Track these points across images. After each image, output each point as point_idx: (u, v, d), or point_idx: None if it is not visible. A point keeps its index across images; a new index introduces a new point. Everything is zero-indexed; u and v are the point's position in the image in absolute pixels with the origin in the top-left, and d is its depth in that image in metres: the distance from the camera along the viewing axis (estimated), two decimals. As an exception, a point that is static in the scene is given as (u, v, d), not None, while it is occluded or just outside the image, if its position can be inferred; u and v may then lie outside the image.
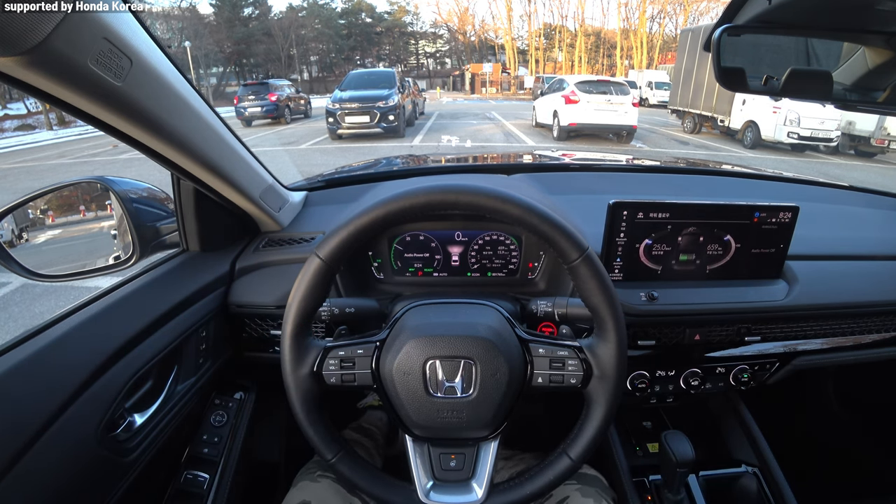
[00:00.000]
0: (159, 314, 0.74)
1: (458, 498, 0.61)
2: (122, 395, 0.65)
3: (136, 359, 0.68)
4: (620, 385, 0.61)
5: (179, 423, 0.76)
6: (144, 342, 0.71)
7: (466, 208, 0.58)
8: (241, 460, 0.84)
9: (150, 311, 0.74)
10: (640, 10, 44.75)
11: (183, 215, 0.87)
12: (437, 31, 53.24)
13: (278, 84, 14.76)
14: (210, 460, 0.80)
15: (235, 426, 0.86)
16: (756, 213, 0.86)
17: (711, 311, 0.90)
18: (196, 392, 0.79)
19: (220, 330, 0.87)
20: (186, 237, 0.89)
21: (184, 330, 0.78)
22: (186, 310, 0.80)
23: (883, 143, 9.20)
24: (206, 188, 0.82)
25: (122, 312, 0.71)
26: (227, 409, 0.87)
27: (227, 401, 0.88)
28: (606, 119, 9.71)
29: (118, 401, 0.64)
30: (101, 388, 0.62)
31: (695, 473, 1.02)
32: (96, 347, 0.64)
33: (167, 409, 0.74)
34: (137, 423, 0.68)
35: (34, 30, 0.42)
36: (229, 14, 40.16)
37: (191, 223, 0.87)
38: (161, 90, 0.61)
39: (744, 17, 0.75)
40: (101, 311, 0.69)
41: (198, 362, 0.80)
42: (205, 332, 0.83)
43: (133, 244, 0.81)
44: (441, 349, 0.60)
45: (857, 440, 1.40)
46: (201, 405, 0.85)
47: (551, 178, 1.27)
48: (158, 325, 0.74)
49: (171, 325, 0.76)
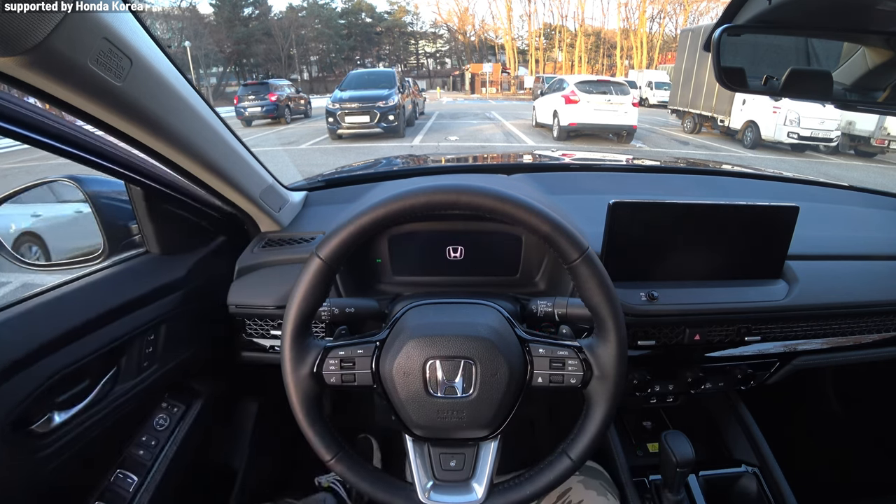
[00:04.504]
0: (100, 313, 0.73)
1: (459, 498, 0.61)
2: (44, 391, 0.64)
3: (66, 355, 0.67)
4: (620, 385, 0.61)
5: (115, 423, 0.75)
6: (81, 339, 0.70)
7: (466, 208, 0.58)
8: (177, 465, 0.83)
9: (92, 310, 0.73)
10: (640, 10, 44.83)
11: (139, 218, 0.86)
12: (437, 31, 53.31)
13: (278, 84, 14.74)
14: (142, 463, 0.80)
15: (175, 431, 0.85)
16: (756, 213, 0.86)
17: (711, 311, 0.90)
18: (138, 394, 0.78)
19: (174, 334, 0.85)
20: (146, 239, 0.88)
21: (128, 331, 0.77)
22: (134, 311, 0.78)
23: (883, 143, 9.19)
24: (206, 188, 0.82)
25: (62, 308, 0.70)
26: (171, 413, 0.86)
27: (174, 405, 0.87)
28: (606, 119, 9.70)
29: (36, 396, 0.63)
30: (19, 382, 0.61)
31: (695, 473, 1.02)
32: (20, 341, 0.63)
33: (98, 409, 0.72)
34: (57, 420, 0.67)
35: (34, 30, 0.42)
36: (229, 14, 40.16)
37: (147, 226, 0.86)
38: (161, 90, 0.61)
39: (744, 17, 0.75)
40: (39, 305, 0.68)
41: (142, 365, 0.79)
42: (153, 336, 0.82)
43: (102, 242, 0.82)
44: (441, 349, 0.60)
45: (857, 440, 1.40)
46: (148, 407, 0.85)
47: (551, 178, 1.27)
48: (100, 324, 0.73)
49: (114, 326, 0.75)
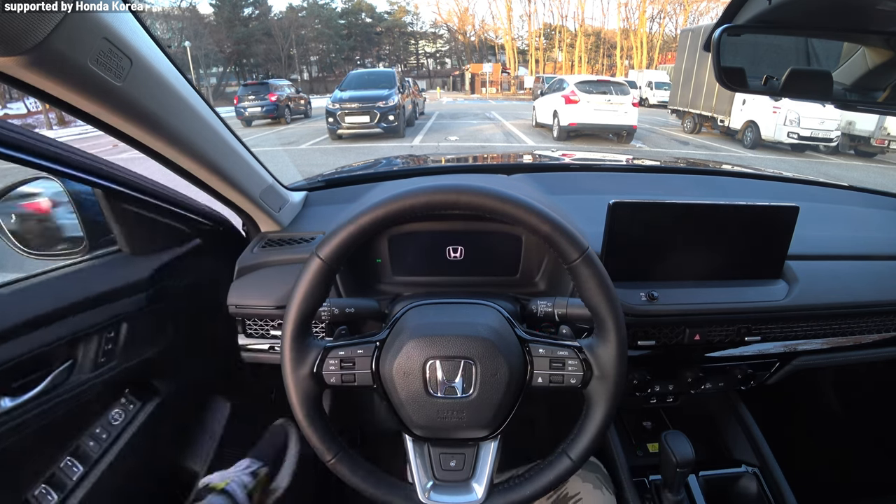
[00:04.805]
0: (61, 306, 0.74)
1: (459, 498, 0.61)
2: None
3: (23, 344, 0.69)
4: (620, 385, 0.61)
5: (69, 413, 0.77)
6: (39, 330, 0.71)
7: (466, 208, 0.58)
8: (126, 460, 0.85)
9: (54, 302, 0.74)
10: (640, 10, 44.83)
11: (106, 218, 0.87)
12: (437, 31, 53.30)
13: (278, 84, 14.75)
14: (90, 454, 0.82)
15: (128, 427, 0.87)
16: (756, 213, 0.86)
17: (711, 311, 0.90)
18: (95, 388, 0.80)
19: (136, 332, 0.87)
20: (117, 238, 0.90)
21: (87, 326, 0.78)
22: (95, 307, 0.80)
23: (883, 143, 9.20)
24: (206, 188, 0.82)
25: (26, 298, 0.72)
26: (127, 409, 0.88)
27: (132, 402, 0.89)
28: (606, 119, 9.70)
29: None
30: None
31: (695, 473, 1.02)
32: None
33: (51, 397, 0.74)
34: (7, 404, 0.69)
35: (34, 30, 0.42)
36: (229, 14, 40.14)
37: (114, 226, 0.87)
38: (161, 90, 0.61)
39: (744, 17, 0.75)
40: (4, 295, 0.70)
41: (99, 360, 0.81)
42: (113, 333, 0.83)
43: (83, 237, 0.85)
44: (441, 349, 0.60)
45: (857, 440, 1.40)
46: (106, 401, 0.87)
47: (551, 178, 1.27)
48: (59, 317, 0.74)
49: (74, 319, 0.76)
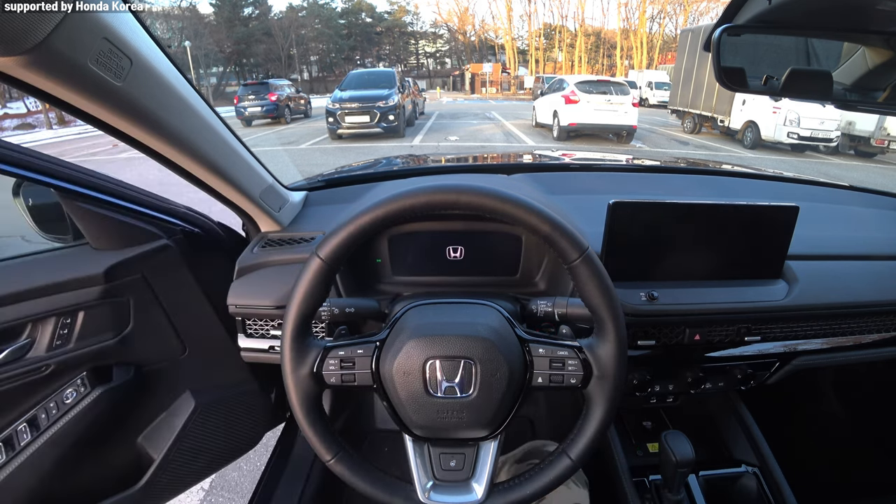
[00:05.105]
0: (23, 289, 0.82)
1: (458, 498, 0.61)
2: None
3: None
4: (620, 385, 0.61)
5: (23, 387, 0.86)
6: None
7: (466, 208, 0.58)
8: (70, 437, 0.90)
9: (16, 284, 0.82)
10: (640, 11, 44.80)
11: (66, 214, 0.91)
12: (437, 31, 53.27)
13: (278, 84, 14.74)
14: (39, 425, 0.89)
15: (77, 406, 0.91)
16: (756, 213, 0.86)
17: (711, 311, 0.90)
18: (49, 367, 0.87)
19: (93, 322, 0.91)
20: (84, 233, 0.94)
21: (45, 310, 0.85)
22: (55, 294, 0.86)
23: (883, 143, 9.19)
24: (205, 188, 0.82)
25: None
26: (79, 390, 0.93)
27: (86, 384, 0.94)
28: (606, 119, 9.70)
29: None
30: None
31: (695, 473, 1.02)
32: None
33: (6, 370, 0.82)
34: None
35: (34, 30, 0.42)
36: (229, 14, 40.13)
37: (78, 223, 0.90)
38: (161, 90, 0.61)
39: (744, 17, 0.75)
40: None
41: (54, 343, 0.87)
42: (70, 319, 0.88)
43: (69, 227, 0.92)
44: (441, 349, 0.60)
45: (857, 440, 1.40)
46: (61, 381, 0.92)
47: (551, 178, 1.27)
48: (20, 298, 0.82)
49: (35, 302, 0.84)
